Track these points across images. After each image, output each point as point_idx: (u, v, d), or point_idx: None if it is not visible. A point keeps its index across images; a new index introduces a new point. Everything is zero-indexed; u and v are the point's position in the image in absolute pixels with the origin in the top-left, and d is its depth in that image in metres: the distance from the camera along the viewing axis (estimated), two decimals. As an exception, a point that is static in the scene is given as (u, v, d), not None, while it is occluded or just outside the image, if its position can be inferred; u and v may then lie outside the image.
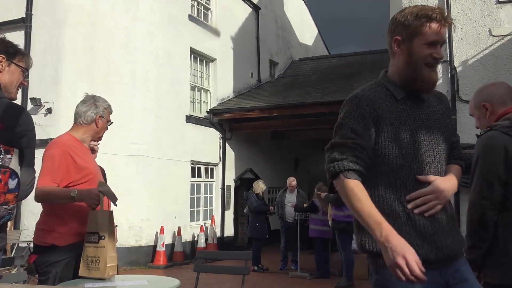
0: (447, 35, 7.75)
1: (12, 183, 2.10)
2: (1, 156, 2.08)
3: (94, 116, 3.04)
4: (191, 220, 11.30)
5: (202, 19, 12.45)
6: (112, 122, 3.19)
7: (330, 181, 1.86)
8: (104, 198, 2.81)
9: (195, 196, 11.62)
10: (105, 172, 4.51)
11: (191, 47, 11.61)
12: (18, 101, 10.39)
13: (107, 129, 3.18)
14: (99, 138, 3.18)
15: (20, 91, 10.91)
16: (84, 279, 2.75)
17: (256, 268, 9.00)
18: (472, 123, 8.09)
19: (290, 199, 9.40)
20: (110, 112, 3.15)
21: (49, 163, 2.82)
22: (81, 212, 2.83)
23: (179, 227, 10.44)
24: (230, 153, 12.80)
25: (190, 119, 11.37)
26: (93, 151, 3.86)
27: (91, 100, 3.09)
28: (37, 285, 2.25)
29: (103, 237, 2.70)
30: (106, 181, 4.26)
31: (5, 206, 2.09)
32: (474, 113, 2.52)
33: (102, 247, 2.69)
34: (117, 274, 2.83)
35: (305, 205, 8.98)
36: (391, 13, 9.85)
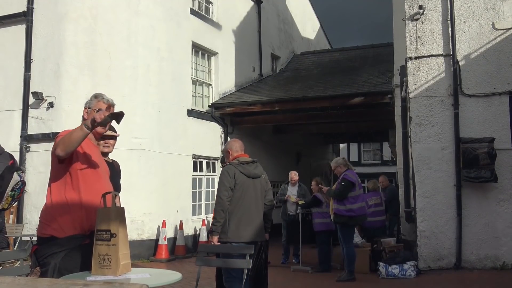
0: (450, 29, 7.71)
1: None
2: None
3: (84, 110, 3.12)
4: (193, 214, 11.32)
5: (203, 13, 12.41)
6: (102, 110, 3.02)
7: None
8: (116, 198, 2.83)
9: (197, 190, 11.63)
10: (119, 165, 4.51)
11: (192, 41, 11.57)
12: (19, 95, 10.41)
13: (104, 120, 2.99)
14: (93, 128, 3.01)
15: (21, 85, 10.87)
16: (87, 272, 2.75)
17: (257, 262, 9.01)
18: (474, 117, 8.07)
19: (292, 192, 9.45)
20: (100, 101, 3.10)
21: (62, 137, 2.86)
22: (83, 205, 2.85)
23: (181, 221, 10.46)
24: (231, 147, 12.78)
25: (191, 113, 11.36)
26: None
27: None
28: (39, 278, 2.25)
29: (114, 235, 2.66)
30: (120, 176, 4.27)
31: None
32: (225, 154, 4.75)
33: (114, 245, 2.65)
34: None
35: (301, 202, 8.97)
36: (394, 7, 9.80)
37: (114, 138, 4.14)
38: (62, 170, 2.91)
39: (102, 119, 2.74)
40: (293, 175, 9.61)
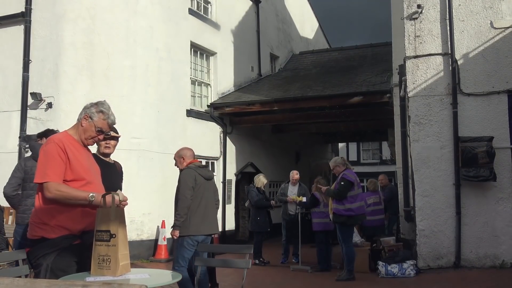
0: (448, 28, 7.72)
1: None
2: None
3: (83, 115, 3.07)
4: (192, 214, 11.30)
5: (202, 13, 12.40)
6: (103, 132, 3.11)
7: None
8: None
9: (196, 190, 11.61)
10: (121, 167, 4.50)
11: (191, 41, 11.56)
12: (18, 96, 10.40)
13: (98, 135, 3.11)
14: (86, 141, 3.09)
15: (20, 86, 10.87)
16: (86, 272, 2.75)
17: (257, 261, 9.02)
18: (473, 116, 8.06)
19: (293, 191, 9.45)
20: (105, 120, 3.08)
21: (51, 160, 2.84)
22: (71, 207, 2.86)
23: (180, 221, 10.45)
24: (231, 147, 12.79)
25: (190, 113, 11.35)
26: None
27: (95, 102, 3.13)
28: (38, 279, 2.25)
29: (114, 236, 2.66)
30: (122, 178, 4.28)
31: None
32: (177, 159, 5.30)
33: (113, 245, 2.65)
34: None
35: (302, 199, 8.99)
36: (393, 6, 9.80)
37: (115, 139, 4.15)
38: None
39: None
40: (295, 174, 9.60)
